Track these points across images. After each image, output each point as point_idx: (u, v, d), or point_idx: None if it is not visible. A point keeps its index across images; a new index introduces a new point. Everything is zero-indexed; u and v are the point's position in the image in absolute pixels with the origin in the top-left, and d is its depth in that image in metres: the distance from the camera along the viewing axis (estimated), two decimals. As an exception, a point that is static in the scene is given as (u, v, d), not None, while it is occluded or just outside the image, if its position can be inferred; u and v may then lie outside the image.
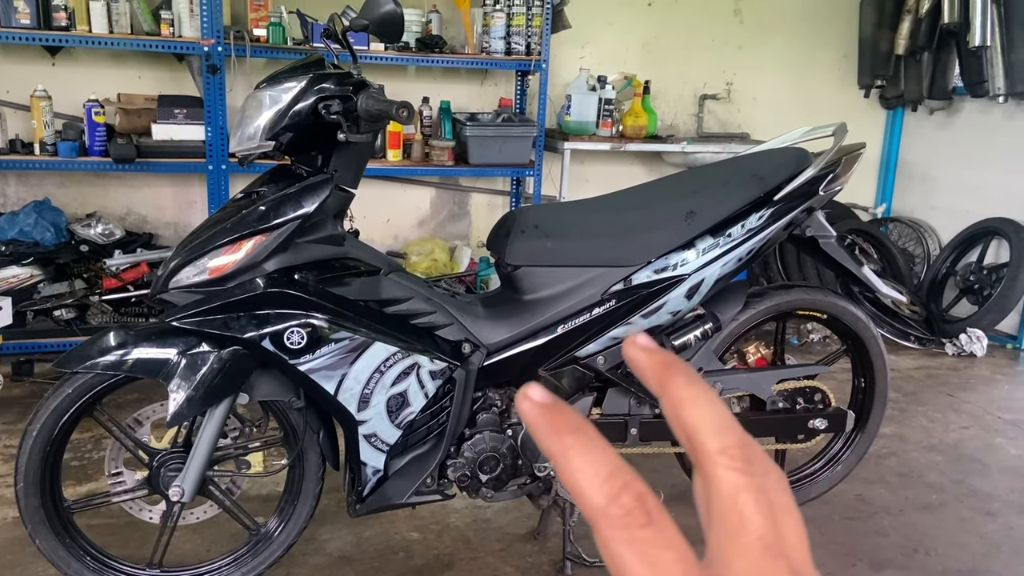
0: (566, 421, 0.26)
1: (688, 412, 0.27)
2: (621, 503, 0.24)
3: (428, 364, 1.78)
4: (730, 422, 0.27)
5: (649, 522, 0.24)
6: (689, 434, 0.27)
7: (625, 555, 0.24)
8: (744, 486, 0.25)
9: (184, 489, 1.74)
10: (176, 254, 1.69)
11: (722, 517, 0.25)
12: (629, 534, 0.24)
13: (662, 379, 0.28)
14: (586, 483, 0.25)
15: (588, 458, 0.25)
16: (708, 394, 0.27)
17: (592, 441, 0.25)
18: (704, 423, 0.26)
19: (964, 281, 4.18)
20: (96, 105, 3.07)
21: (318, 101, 1.63)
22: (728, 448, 0.26)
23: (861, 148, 2.07)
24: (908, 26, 4.16)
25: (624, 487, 0.25)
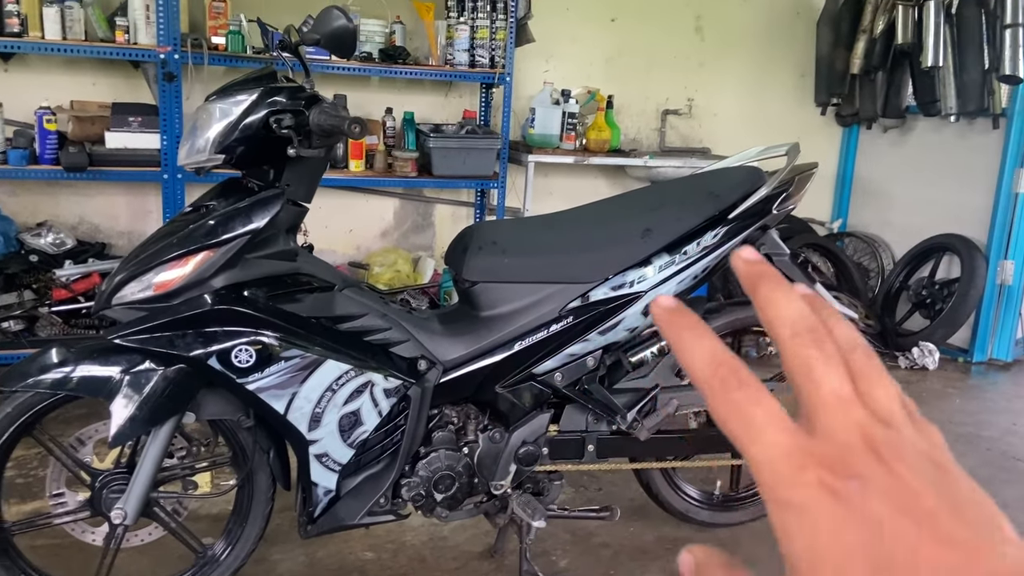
0: (685, 320, 0.32)
1: (770, 311, 0.32)
2: (719, 374, 0.30)
3: (382, 382, 1.76)
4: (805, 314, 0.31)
5: (740, 386, 0.30)
6: (771, 325, 0.31)
7: (725, 413, 0.30)
8: (815, 357, 0.30)
9: (127, 511, 1.69)
10: (120, 269, 1.64)
11: (800, 386, 0.30)
12: (726, 396, 0.30)
13: (753, 286, 0.33)
14: (696, 361, 0.31)
15: (698, 344, 0.31)
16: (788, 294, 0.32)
17: (703, 332, 0.31)
18: (779, 317, 0.31)
19: (917, 295, 4.27)
20: (48, 112, 3.00)
21: (269, 115, 1.60)
22: (798, 333, 0.31)
23: (813, 168, 2.10)
24: (863, 46, 4.25)
25: (722, 363, 0.30)
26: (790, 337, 0.31)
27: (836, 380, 0.29)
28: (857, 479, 0.27)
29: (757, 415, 0.29)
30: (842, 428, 0.29)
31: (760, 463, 0.29)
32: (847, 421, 0.29)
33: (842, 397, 0.29)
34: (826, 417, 0.29)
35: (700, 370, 0.30)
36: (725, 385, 0.30)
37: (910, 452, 0.28)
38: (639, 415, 2.00)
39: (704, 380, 0.30)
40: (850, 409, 0.29)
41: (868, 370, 0.31)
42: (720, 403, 0.30)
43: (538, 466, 1.98)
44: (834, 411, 0.29)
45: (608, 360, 2.00)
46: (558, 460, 2.02)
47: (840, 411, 0.29)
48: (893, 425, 0.29)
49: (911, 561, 0.26)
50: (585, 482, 2.61)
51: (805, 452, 0.28)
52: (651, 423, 2.01)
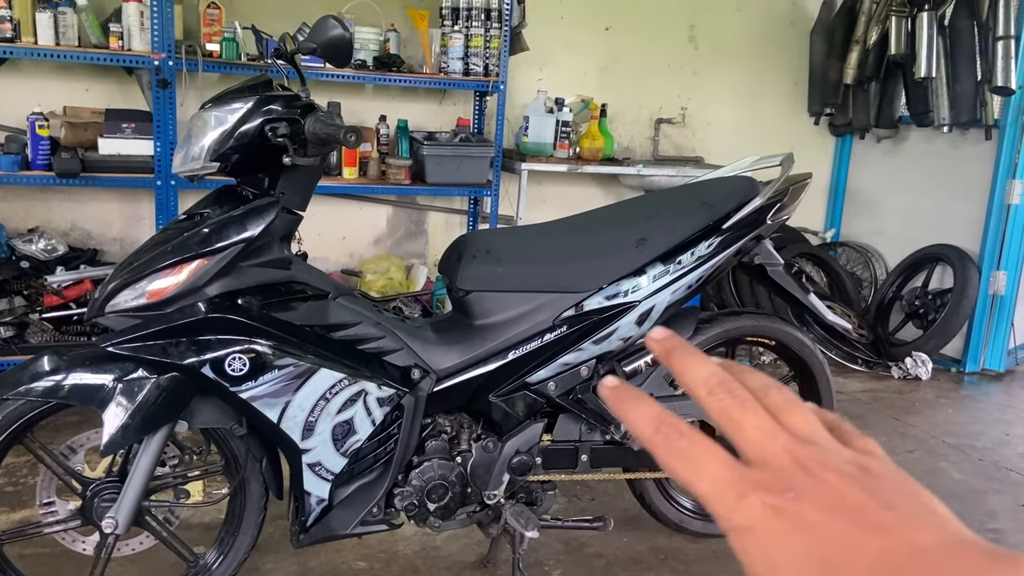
0: (626, 393, 0.37)
1: (686, 377, 0.36)
2: (662, 431, 0.35)
3: (376, 391, 1.75)
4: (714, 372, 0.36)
5: (681, 436, 0.34)
6: (690, 392, 0.36)
7: (671, 462, 0.34)
8: (731, 405, 0.34)
9: (118, 521, 1.67)
10: (114, 276, 1.64)
11: (729, 433, 0.34)
12: (670, 446, 0.34)
13: (668, 359, 0.37)
14: (639, 426, 0.35)
15: (640, 411, 0.36)
16: (697, 358, 0.36)
17: (642, 400, 0.36)
18: (695, 381, 0.36)
19: (910, 305, 4.28)
20: (40, 118, 2.98)
21: (265, 123, 1.60)
22: (713, 389, 0.35)
23: (807, 178, 2.11)
24: (856, 56, 4.27)
25: (663, 422, 0.35)
26: (707, 395, 0.35)
27: (755, 418, 0.34)
28: (791, 491, 0.31)
29: (698, 456, 0.33)
30: (772, 454, 0.33)
31: (709, 497, 0.32)
32: (775, 448, 0.33)
33: (765, 430, 0.33)
34: (755, 450, 0.33)
35: (644, 430, 0.35)
36: (668, 439, 0.34)
37: (835, 461, 0.32)
38: (633, 425, 2.00)
39: (649, 439, 0.35)
40: (775, 438, 0.33)
41: (785, 404, 0.35)
42: (666, 455, 0.34)
43: (531, 476, 1.97)
44: (761, 443, 0.33)
45: (602, 369, 2.00)
46: (551, 470, 2.01)
47: (766, 441, 0.33)
48: (817, 443, 0.33)
49: (849, 552, 0.29)
50: (578, 492, 2.61)
51: (745, 481, 0.32)
52: (645, 433, 2.01)
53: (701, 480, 0.33)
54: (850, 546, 0.29)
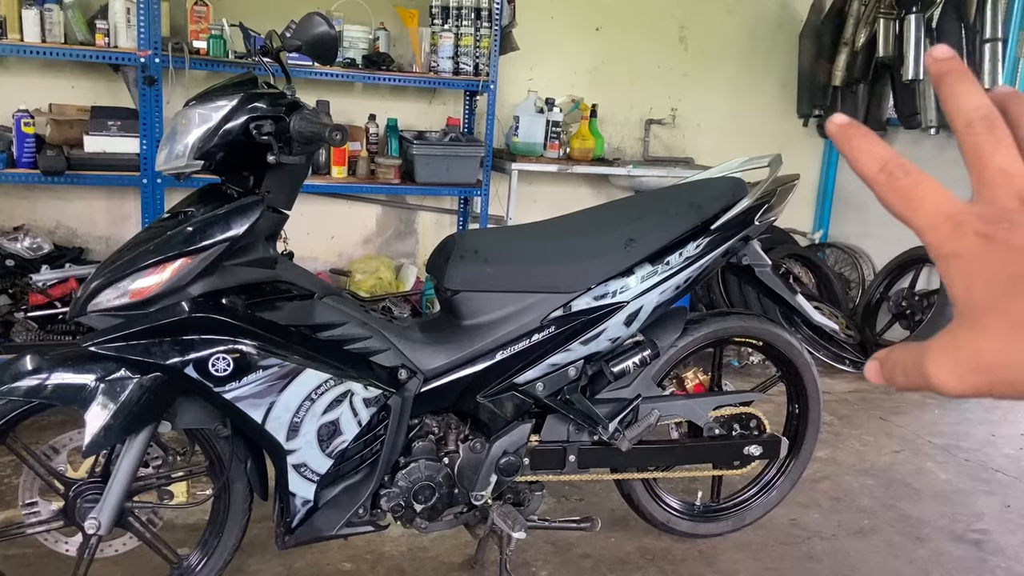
0: (854, 131, 0.37)
1: (951, 103, 0.35)
2: (888, 168, 0.35)
3: (362, 391, 1.74)
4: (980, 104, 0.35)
5: (906, 175, 0.35)
6: (951, 117, 0.35)
7: (893, 198, 0.35)
8: (984, 142, 0.34)
9: (101, 521, 1.66)
10: (97, 275, 1.62)
11: (970, 165, 0.34)
12: (893, 184, 0.35)
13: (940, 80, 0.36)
14: (866, 162, 0.36)
15: (867, 147, 0.36)
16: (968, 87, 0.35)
17: (869, 138, 0.36)
18: (961, 107, 0.35)
19: (897, 306, 4.30)
20: (26, 115, 2.96)
21: (249, 121, 1.59)
22: (972, 122, 0.35)
23: (795, 179, 2.11)
24: (845, 58, 4.28)
25: (889, 160, 0.35)
26: (965, 127, 0.35)
27: (1003, 158, 0.34)
28: (1008, 221, 0.32)
29: (920, 192, 0.34)
30: (1004, 195, 0.33)
31: (925, 228, 0.34)
32: (1009, 190, 0.33)
33: (1008, 172, 0.34)
34: (991, 190, 0.34)
35: (869, 167, 0.36)
36: (892, 177, 0.35)
37: None
38: (620, 425, 2.00)
39: (873, 177, 0.36)
40: (1012, 182, 0.33)
41: None
42: (888, 191, 0.35)
43: (519, 476, 1.97)
44: (999, 184, 0.34)
45: (590, 370, 2.00)
46: (539, 470, 2.01)
47: (1004, 183, 0.33)
48: None
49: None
50: (566, 492, 2.60)
51: (965, 213, 0.33)
52: (632, 433, 2.01)
53: (919, 213, 0.34)
54: None
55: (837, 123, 0.38)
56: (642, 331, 2.03)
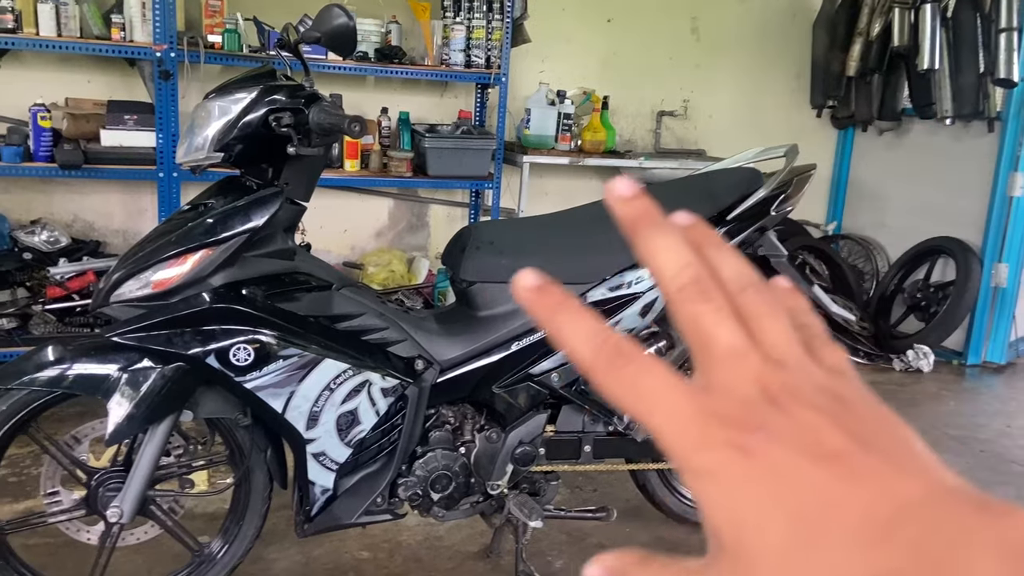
0: (555, 299, 0.30)
1: (653, 259, 0.30)
2: (604, 353, 0.29)
3: (380, 381, 1.76)
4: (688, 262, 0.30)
5: (628, 362, 0.28)
6: (656, 277, 0.30)
7: (617, 392, 0.28)
8: (704, 311, 0.29)
9: (123, 510, 1.68)
10: (118, 267, 1.64)
11: (693, 343, 0.29)
12: (614, 375, 0.28)
13: (632, 230, 0.30)
14: (576, 345, 0.29)
15: (574, 326, 0.29)
16: (668, 239, 0.30)
17: (577, 312, 0.30)
18: (666, 266, 0.30)
19: (911, 298, 4.28)
20: (42, 109, 2.98)
21: (268, 113, 1.60)
22: (684, 286, 0.29)
23: (812, 169, 2.11)
24: (859, 48, 4.26)
25: (604, 341, 0.29)
26: (676, 291, 0.29)
27: (727, 333, 0.28)
28: (761, 431, 0.26)
29: (651, 385, 0.28)
30: (739, 381, 0.28)
31: (665, 433, 0.27)
32: (744, 374, 0.28)
33: (735, 350, 0.28)
34: (722, 373, 0.28)
35: (582, 352, 0.29)
36: (612, 363, 0.28)
37: (809, 391, 0.28)
38: (636, 416, 2.00)
39: (589, 362, 0.29)
40: (745, 361, 0.28)
41: (762, 309, 0.30)
42: (611, 382, 0.28)
43: (535, 466, 1.98)
44: (729, 366, 0.28)
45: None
46: (555, 460, 2.02)
47: (735, 365, 0.28)
48: (788, 365, 0.28)
49: (829, 509, 0.25)
50: (581, 483, 2.61)
51: (707, 413, 0.27)
52: (648, 424, 2.01)
53: (654, 414, 0.27)
54: (830, 502, 0.25)
55: (527, 287, 0.30)
56: (657, 322, 2.03)
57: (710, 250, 0.31)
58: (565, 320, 0.29)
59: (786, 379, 0.28)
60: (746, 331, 0.29)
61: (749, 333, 0.29)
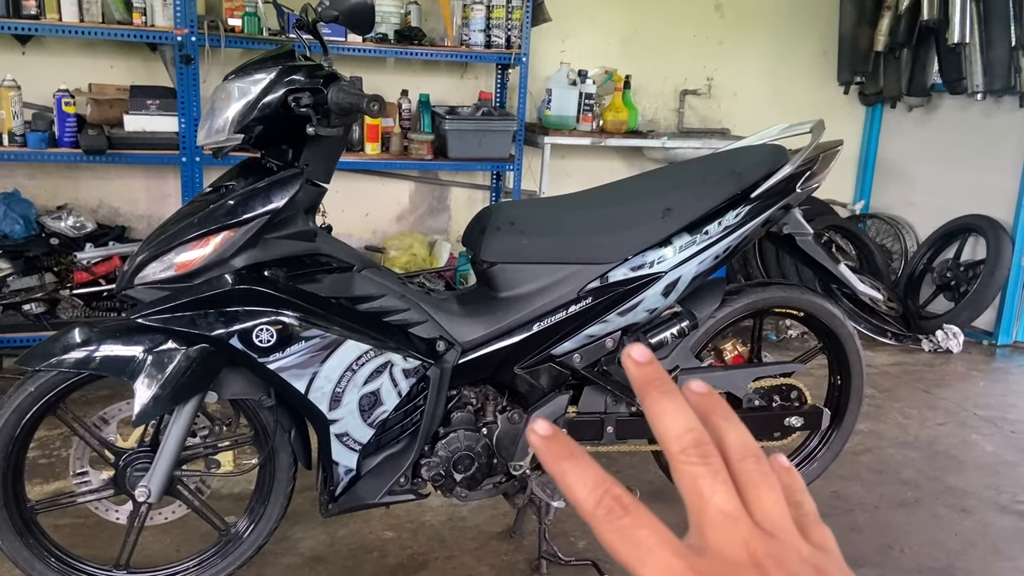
0: (563, 448, 0.32)
1: (659, 421, 0.33)
2: (604, 504, 0.31)
3: (401, 362, 1.76)
4: (691, 426, 0.32)
5: (626, 513, 0.31)
6: (660, 439, 0.33)
7: (614, 541, 0.31)
8: (702, 474, 0.31)
9: (151, 489, 1.70)
10: (142, 249, 1.65)
11: (689, 502, 0.31)
12: (613, 525, 0.31)
13: (644, 391, 0.34)
14: (579, 494, 0.32)
15: (579, 475, 0.32)
16: (676, 404, 0.33)
17: (582, 461, 0.32)
18: (670, 429, 0.32)
19: (941, 278, 4.21)
20: (66, 95, 3.00)
21: (288, 93, 1.59)
22: (685, 448, 0.32)
23: (838, 145, 2.07)
24: (888, 23, 4.17)
25: (605, 492, 0.31)
26: (678, 453, 0.32)
27: (722, 497, 0.31)
28: None
29: (645, 538, 0.30)
30: (729, 545, 0.30)
31: None
32: (734, 538, 0.30)
33: (728, 514, 0.31)
34: (714, 534, 0.30)
35: (584, 499, 0.31)
36: (611, 513, 0.31)
37: (793, 563, 0.30)
38: (659, 396, 1.99)
39: (589, 510, 0.31)
40: (736, 526, 0.30)
41: (758, 479, 0.32)
42: (608, 531, 0.31)
43: (557, 447, 1.97)
44: (721, 529, 0.30)
45: (627, 341, 1.99)
46: (577, 441, 2.01)
47: (727, 528, 0.30)
48: (779, 536, 0.31)
49: None
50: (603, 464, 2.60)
51: (695, 572, 0.29)
52: (671, 404, 1.99)
53: (646, 565, 0.30)
54: None
55: (541, 434, 0.33)
56: (680, 302, 2.01)
57: (718, 418, 0.34)
58: (570, 468, 0.32)
59: (773, 548, 0.30)
60: (741, 498, 0.31)
61: (744, 500, 0.31)
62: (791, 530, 0.32)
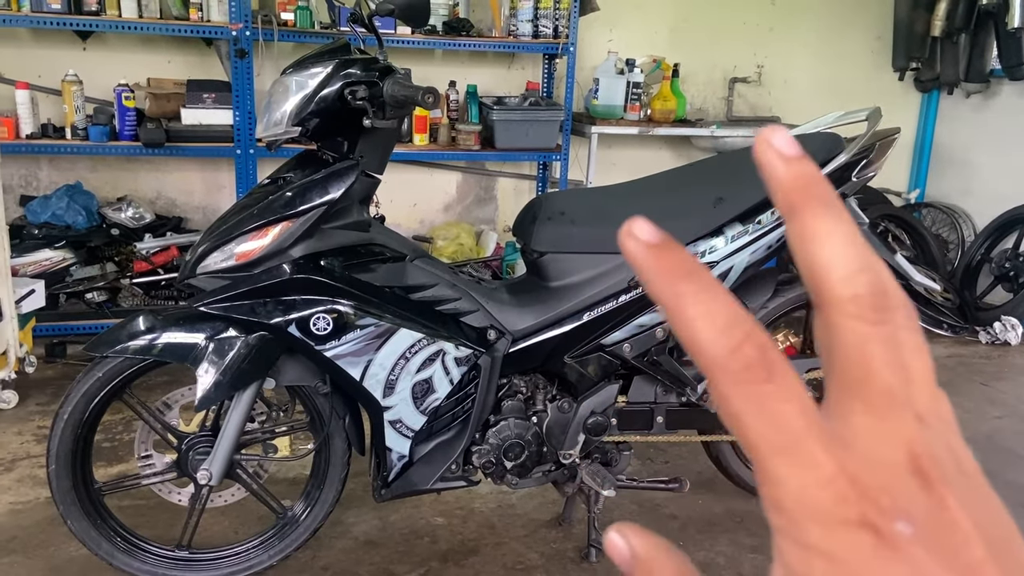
0: (679, 263, 0.23)
1: (820, 248, 0.23)
2: (742, 355, 0.22)
3: (453, 351, 1.78)
4: (868, 263, 0.23)
5: (770, 377, 0.22)
6: (816, 272, 0.23)
7: (745, 411, 0.22)
8: (874, 337, 0.23)
9: (212, 472, 1.76)
10: (204, 240, 1.70)
11: (845, 368, 0.23)
12: (750, 389, 0.22)
13: (795, 200, 0.23)
14: (702, 334, 0.22)
15: (704, 307, 0.22)
16: (847, 227, 0.23)
17: (708, 286, 0.23)
18: (837, 263, 0.23)
19: (999, 268, 4.09)
20: (126, 90, 3.09)
21: (344, 87, 1.62)
22: (860, 296, 0.23)
23: (896, 133, 2.03)
24: (945, 7, 4.05)
25: (745, 338, 0.22)
26: (847, 301, 0.23)
27: (891, 373, 0.23)
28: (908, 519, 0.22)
29: (791, 418, 0.22)
30: (889, 441, 0.22)
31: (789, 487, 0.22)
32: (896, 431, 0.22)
33: (894, 395, 0.23)
34: (872, 422, 0.22)
35: (711, 342, 0.22)
36: (749, 371, 0.22)
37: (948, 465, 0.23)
38: (710, 387, 1.98)
39: (718, 359, 0.22)
40: (902, 412, 0.23)
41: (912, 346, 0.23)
42: (740, 395, 0.22)
43: (607, 436, 1.98)
44: (884, 416, 0.22)
45: (678, 331, 1.98)
46: (627, 431, 2.01)
47: (890, 414, 0.23)
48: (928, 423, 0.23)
49: None
50: (651, 454, 2.61)
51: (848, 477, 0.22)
52: (722, 395, 1.98)
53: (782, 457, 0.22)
54: None
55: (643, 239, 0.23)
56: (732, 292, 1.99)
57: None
58: (692, 293, 0.23)
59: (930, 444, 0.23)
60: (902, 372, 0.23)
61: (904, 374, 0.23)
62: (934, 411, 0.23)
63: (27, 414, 2.72)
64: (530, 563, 2.06)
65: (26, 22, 3.03)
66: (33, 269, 3.08)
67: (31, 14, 2.97)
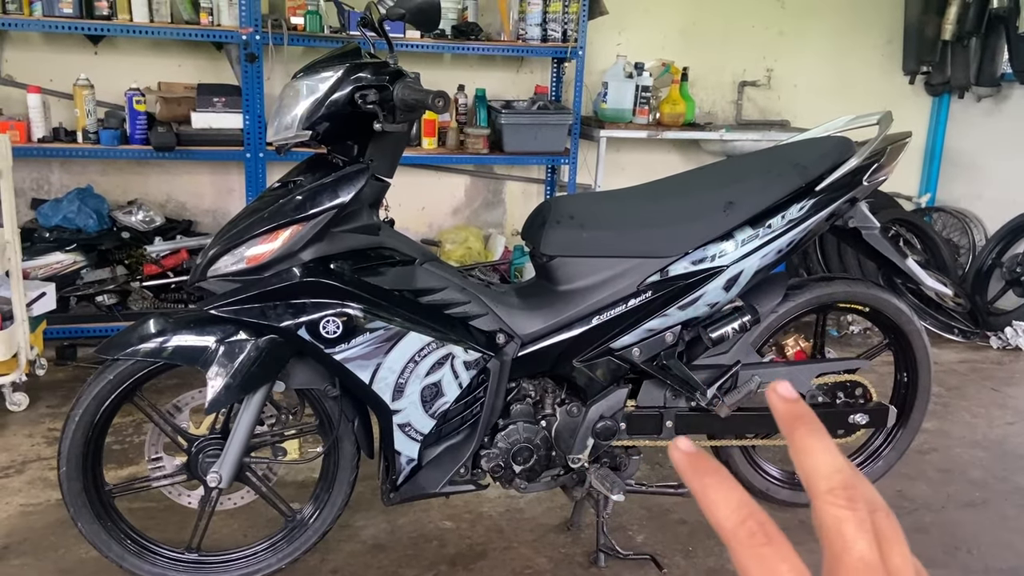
0: (706, 465, 0.33)
1: (807, 459, 0.33)
2: (747, 527, 0.31)
3: (462, 354, 1.78)
4: (840, 467, 0.32)
5: (768, 541, 0.31)
6: (806, 474, 0.33)
7: (751, 567, 0.30)
8: (846, 518, 0.31)
9: (222, 475, 1.76)
10: (214, 243, 1.70)
11: (829, 542, 0.31)
12: (753, 550, 0.31)
13: (790, 428, 0.34)
14: (721, 512, 0.32)
15: (722, 494, 0.32)
16: (825, 443, 0.33)
17: (725, 480, 0.32)
18: (818, 469, 0.32)
19: (1010, 273, 4.06)
20: (137, 94, 3.11)
21: (355, 91, 1.63)
22: (834, 489, 0.32)
23: (907, 137, 2.02)
24: (956, 11, 4.04)
25: (749, 515, 0.31)
26: (825, 493, 0.32)
27: (865, 546, 0.31)
28: None
29: (783, 571, 0.30)
30: None
31: None
32: None
33: (868, 564, 0.31)
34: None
35: (726, 518, 0.31)
36: (753, 538, 0.31)
37: None
38: (719, 392, 1.97)
39: (730, 529, 0.31)
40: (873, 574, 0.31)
41: (891, 534, 0.32)
42: (747, 556, 0.31)
43: (615, 441, 1.97)
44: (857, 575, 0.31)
45: (687, 335, 1.98)
46: (636, 435, 2.01)
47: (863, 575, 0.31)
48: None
49: None
50: (660, 459, 2.60)
51: None
52: (732, 400, 1.98)
53: None
54: None
55: (684, 451, 0.33)
56: (742, 296, 1.99)
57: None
58: (713, 485, 0.32)
59: None
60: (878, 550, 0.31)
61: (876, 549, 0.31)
62: None
63: (38, 417, 2.74)
64: (538, 568, 2.05)
65: (38, 26, 3.06)
66: (44, 272, 3.10)
67: (43, 18, 2.99)
